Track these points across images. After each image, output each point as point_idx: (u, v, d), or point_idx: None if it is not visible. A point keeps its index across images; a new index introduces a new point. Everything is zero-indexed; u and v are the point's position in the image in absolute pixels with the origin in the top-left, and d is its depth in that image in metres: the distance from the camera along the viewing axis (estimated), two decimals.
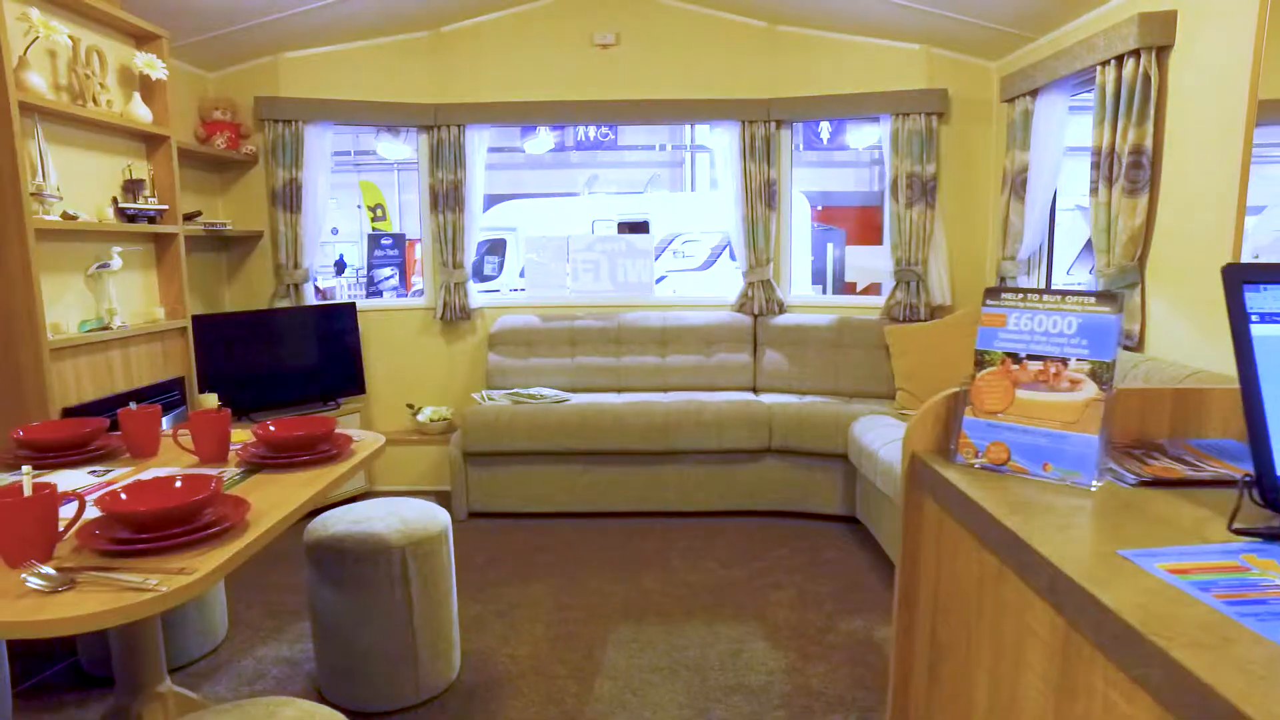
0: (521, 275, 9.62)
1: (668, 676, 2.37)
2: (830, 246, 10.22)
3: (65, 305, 2.64)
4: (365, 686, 2.17)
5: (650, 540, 3.44)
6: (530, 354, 4.17)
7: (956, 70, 3.80)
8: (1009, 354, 1.08)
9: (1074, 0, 2.94)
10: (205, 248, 3.86)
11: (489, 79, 4.08)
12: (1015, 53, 3.57)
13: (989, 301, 1.10)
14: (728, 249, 9.70)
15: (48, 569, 1.24)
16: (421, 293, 4.30)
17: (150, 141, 3.03)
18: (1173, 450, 1.11)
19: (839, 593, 2.91)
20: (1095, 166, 2.77)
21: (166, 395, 2.99)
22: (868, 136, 4.90)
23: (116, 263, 2.76)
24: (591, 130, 12.65)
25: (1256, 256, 2.23)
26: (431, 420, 4.09)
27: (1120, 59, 2.65)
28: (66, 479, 1.75)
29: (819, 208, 11.33)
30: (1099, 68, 2.75)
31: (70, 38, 2.50)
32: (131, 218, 2.87)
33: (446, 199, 4.08)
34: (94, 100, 2.67)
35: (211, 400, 3.27)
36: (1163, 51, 2.57)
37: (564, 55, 4.07)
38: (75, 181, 2.68)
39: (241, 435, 2.04)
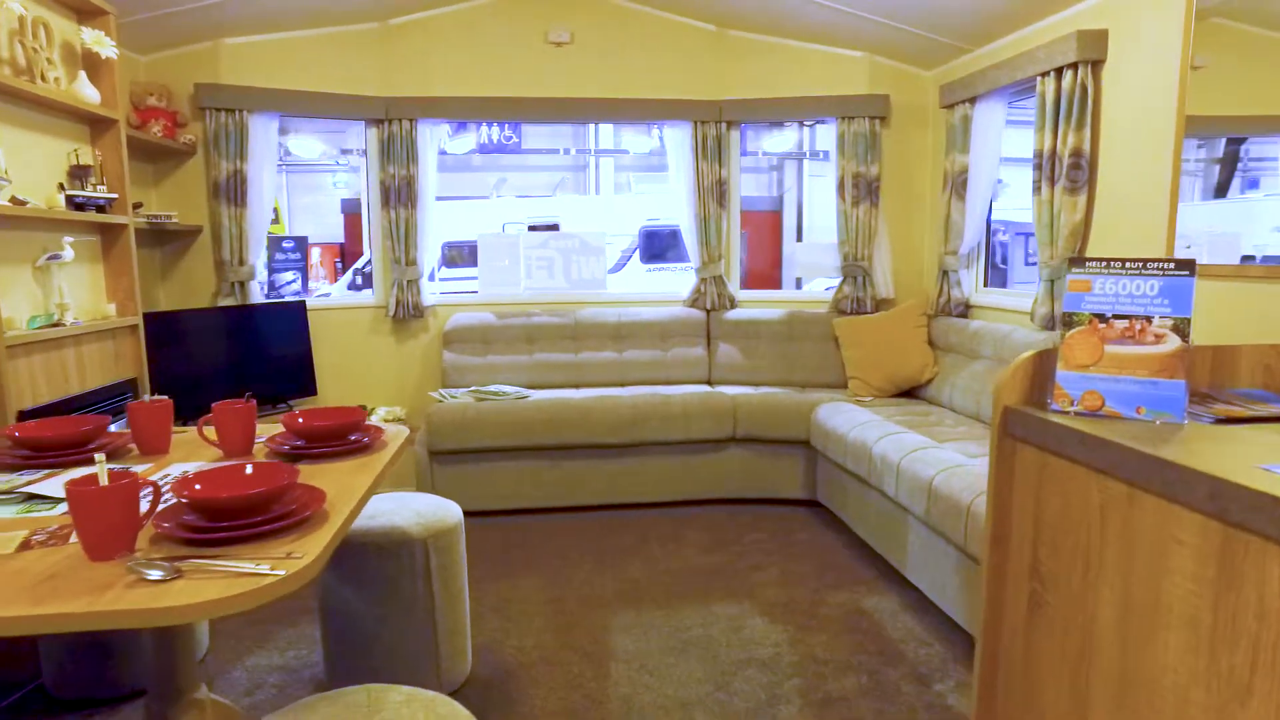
0: (430, 279, 9.40)
1: (679, 656, 2.43)
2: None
3: (12, 300, 2.42)
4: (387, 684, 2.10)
5: (625, 531, 3.48)
6: (488, 351, 4.12)
7: (896, 77, 4.06)
8: (1096, 315, 1.21)
9: (1011, 17, 3.22)
10: (140, 242, 3.59)
11: (440, 73, 4.01)
12: (950, 63, 3.86)
13: (1074, 270, 1.24)
14: (637, 252, 9.86)
15: (141, 559, 1.16)
16: (328, 295, 4.17)
17: (95, 125, 2.81)
18: (1221, 396, 1.28)
19: (818, 570, 3.05)
20: (1038, 168, 3.06)
21: (120, 398, 2.78)
22: (781, 143, 5.08)
23: (68, 254, 2.55)
24: (495, 132, 12.56)
25: (1189, 248, 2.54)
26: (386, 421, 3.96)
27: (1060, 71, 2.93)
28: None
29: None
30: (1039, 78, 3.03)
31: (22, 6, 2.30)
32: (79, 206, 2.66)
33: (399, 195, 3.98)
34: (42, 77, 2.47)
35: None
36: (1097, 65, 2.87)
37: (517, 52, 4.06)
38: (19, 165, 2.46)
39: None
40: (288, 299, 3.91)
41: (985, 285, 3.83)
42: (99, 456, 1.23)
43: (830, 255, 4.18)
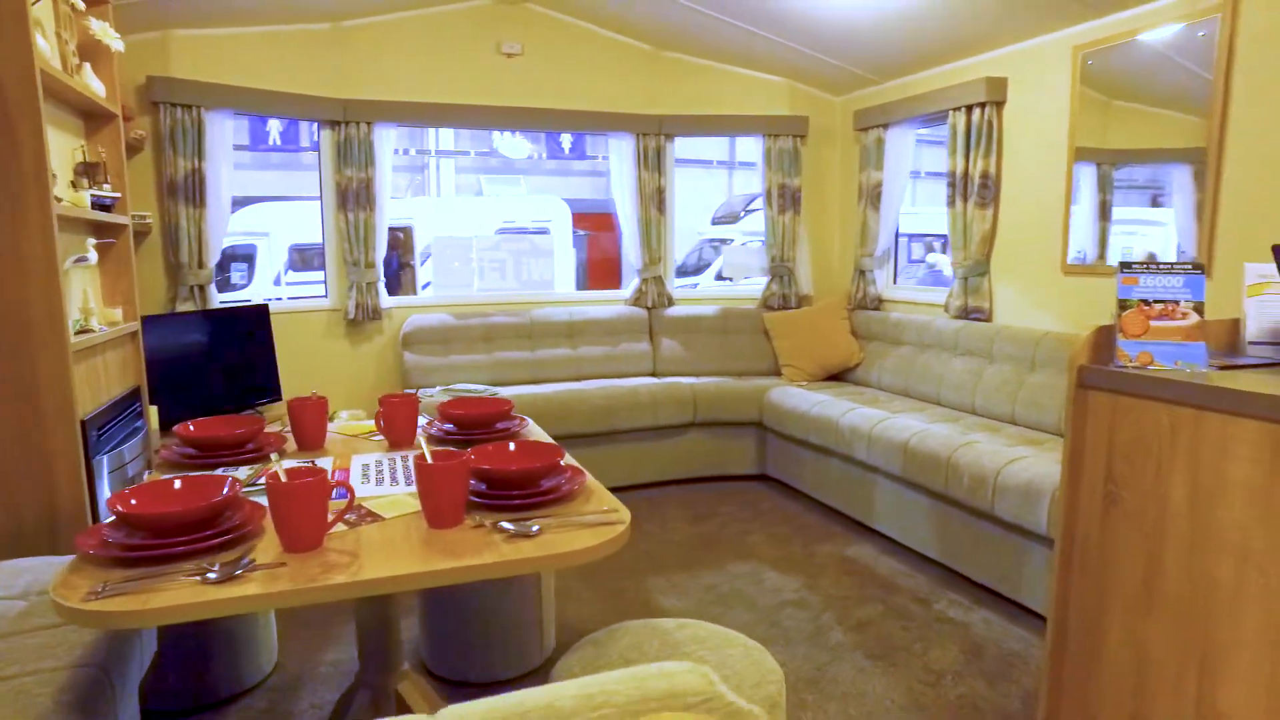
0: (276, 284, 8.95)
1: (725, 606, 2.79)
2: (574, 250, 11.02)
3: None
4: (498, 657, 2.28)
5: None
6: (448, 352, 4.21)
7: (811, 102, 4.66)
8: (1142, 300, 1.75)
9: (921, 59, 3.89)
10: None
11: (392, 78, 4.05)
12: (858, 92, 4.51)
13: (1125, 270, 1.77)
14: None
15: (497, 521, 1.35)
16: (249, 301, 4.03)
17: (91, 120, 2.66)
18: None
19: (795, 530, 3.53)
20: (951, 185, 3.74)
21: (134, 404, 2.65)
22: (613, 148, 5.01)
23: (92, 256, 2.43)
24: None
25: (1079, 251, 3.29)
26: (354, 420, 3.94)
27: (970, 108, 3.62)
28: None
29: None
30: (951, 111, 3.71)
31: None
32: (92, 205, 2.52)
33: (356, 198, 3.97)
34: (71, 71, 2.34)
35: (152, 414, 2.92)
36: (999, 105, 3.59)
37: (471, 60, 4.19)
38: None
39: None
40: (250, 302, 3.77)
41: (895, 282, 4.52)
42: (421, 437, 1.39)
43: (758, 256, 4.70)
